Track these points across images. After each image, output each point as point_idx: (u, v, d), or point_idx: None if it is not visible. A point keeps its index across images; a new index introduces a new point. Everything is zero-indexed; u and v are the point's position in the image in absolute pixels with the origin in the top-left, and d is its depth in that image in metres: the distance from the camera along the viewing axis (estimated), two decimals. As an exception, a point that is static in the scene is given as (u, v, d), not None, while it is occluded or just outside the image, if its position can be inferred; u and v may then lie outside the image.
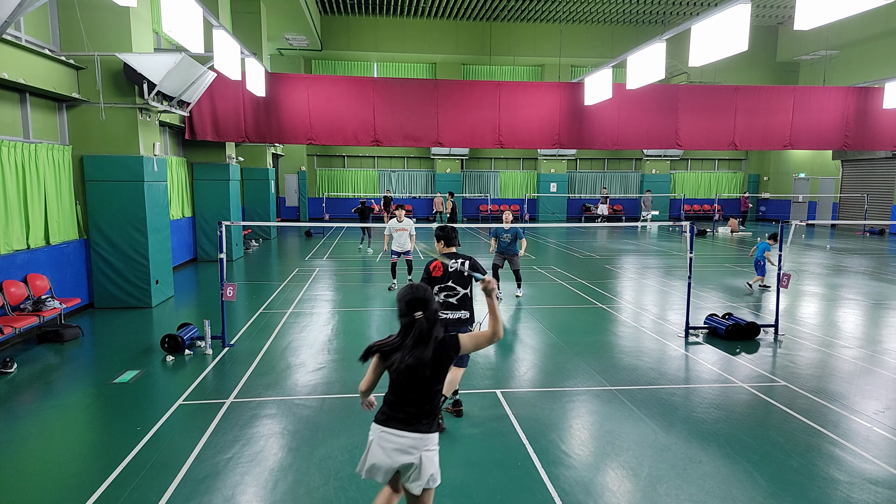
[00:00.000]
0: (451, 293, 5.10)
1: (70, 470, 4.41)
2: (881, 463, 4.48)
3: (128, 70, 9.06)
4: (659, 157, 30.15)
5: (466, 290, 5.10)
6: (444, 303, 5.09)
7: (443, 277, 5.09)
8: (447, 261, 4.81)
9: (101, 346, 7.70)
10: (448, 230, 5.24)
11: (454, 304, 5.09)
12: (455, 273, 5.06)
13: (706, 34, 8.72)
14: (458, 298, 5.09)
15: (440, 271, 5.08)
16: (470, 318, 5.16)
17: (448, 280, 5.09)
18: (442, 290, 5.10)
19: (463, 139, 14.38)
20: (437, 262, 5.05)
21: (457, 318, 5.08)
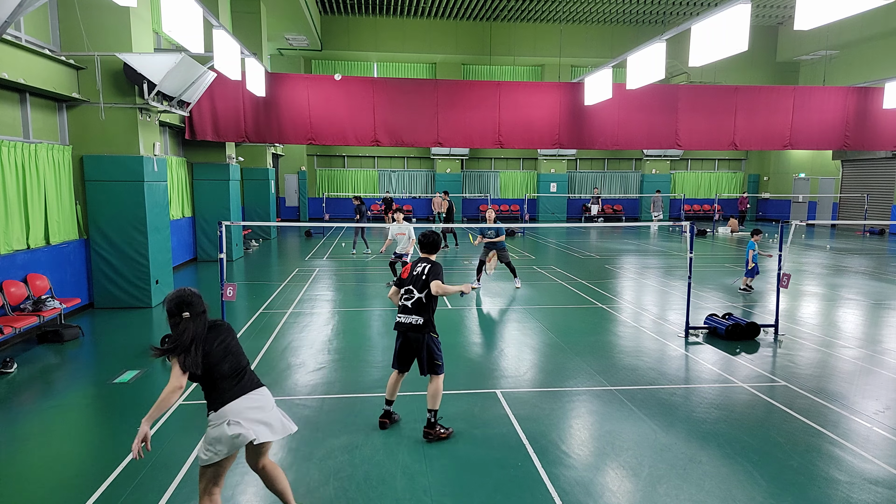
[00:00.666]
0: (409, 296, 4.91)
1: (70, 470, 4.41)
2: (881, 463, 4.48)
3: (128, 70, 9.06)
4: (659, 157, 30.14)
5: (422, 295, 4.86)
6: (401, 306, 4.94)
7: (406, 280, 4.98)
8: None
9: (101, 346, 7.70)
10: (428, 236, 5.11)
11: (408, 308, 4.89)
12: (415, 277, 4.91)
13: (706, 34, 8.71)
14: (413, 302, 4.87)
15: (406, 273, 5.01)
16: (424, 324, 4.84)
17: (409, 283, 4.94)
18: (404, 293, 4.95)
19: (463, 139, 14.38)
20: (408, 266, 5.02)
21: (409, 323, 4.86)
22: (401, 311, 4.94)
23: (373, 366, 6.78)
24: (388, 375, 6.38)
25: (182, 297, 3.35)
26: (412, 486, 4.13)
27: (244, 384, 3.56)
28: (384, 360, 6.96)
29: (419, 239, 5.20)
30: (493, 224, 11.08)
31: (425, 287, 4.84)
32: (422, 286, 4.86)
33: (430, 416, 4.86)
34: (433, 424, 4.84)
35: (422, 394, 5.87)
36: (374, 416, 5.30)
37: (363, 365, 6.82)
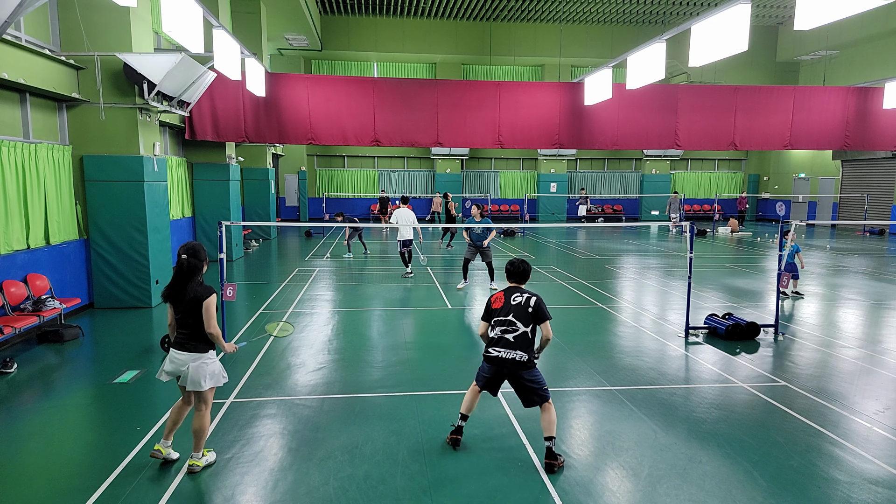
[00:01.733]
0: (509, 329, 4.47)
1: (70, 470, 4.41)
2: (881, 463, 4.48)
3: (128, 70, 9.06)
4: (659, 157, 30.14)
5: (528, 329, 4.44)
6: (498, 338, 4.49)
7: (502, 310, 4.55)
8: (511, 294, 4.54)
9: (101, 346, 7.70)
10: (518, 265, 4.80)
11: (510, 342, 4.43)
12: (517, 307, 4.52)
13: (706, 34, 8.71)
14: (516, 336, 4.44)
15: (500, 303, 4.59)
16: (529, 361, 4.41)
17: (509, 314, 4.51)
18: (498, 324, 4.52)
19: (463, 139, 14.38)
20: (498, 294, 4.67)
21: (511, 359, 4.39)
22: (498, 343, 4.46)
23: (373, 366, 6.78)
24: (389, 375, 6.42)
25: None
26: (412, 486, 4.13)
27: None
28: (384, 360, 6.97)
29: (507, 268, 4.88)
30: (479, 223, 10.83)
31: (531, 321, 4.47)
32: (527, 320, 4.46)
33: (550, 445, 4.39)
34: (555, 455, 4.39)
35: (428, 394, 5.87)
36: (374, 416, 5.30)
37: (363, 365, 6.82)
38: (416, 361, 6.98)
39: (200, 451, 4.32)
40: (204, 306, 4.16)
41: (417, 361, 6.98)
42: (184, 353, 4.20)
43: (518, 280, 4.81)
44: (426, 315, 9.41)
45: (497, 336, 4.50)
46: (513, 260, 4.91)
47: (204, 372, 4.21)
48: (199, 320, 4.18)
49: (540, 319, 4.50)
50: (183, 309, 4.20)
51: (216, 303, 4.23)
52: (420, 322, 9.01)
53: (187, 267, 4.17)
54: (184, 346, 4.22)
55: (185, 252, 4.21)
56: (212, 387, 4.29)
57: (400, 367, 6.76)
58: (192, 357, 4.20)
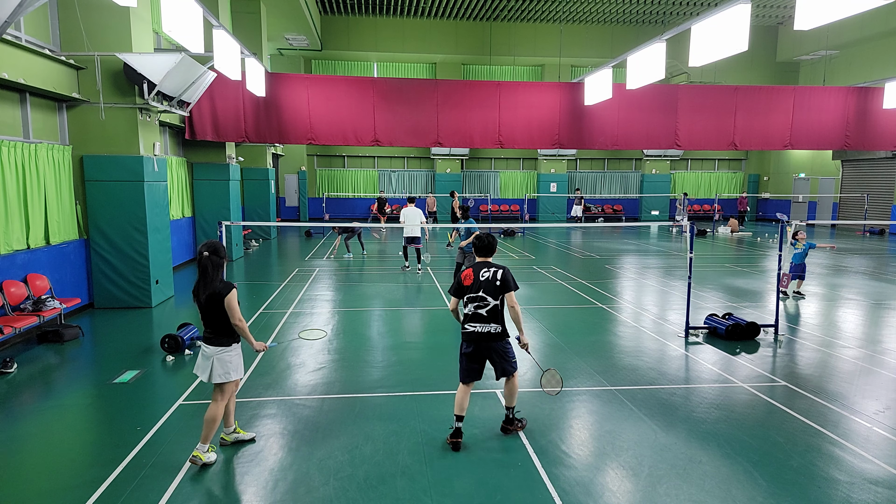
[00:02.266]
0: (481, 304, 4.68)
1: (70, 470, 4.41)
2: (881, 463, 4.48)
3: (128, 70, 9.06)
4: (659, 157, 30.14)
5: (497, 302, 4.67)
6: (472, 314, 4.70)
7: (472, 287, 4.73)
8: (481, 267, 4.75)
9: (101, 346, 7.70)
10: (483, 239, 4.93)
11: (483, 317, 4.67)
12: (486, 282, 4.69)
13: (706, 34, 8.71)
14: (488, 310, 4.67)
15: (470, 280, 4.74)
16: (502, 332, 4.71)
17: (479, 290, 4.70)
18: (471, 300, 4.71)
19: (463, 139, 14.37)
20: (468, 271, 4.78)
21: (486, 332, 4.67)
22: (472, 319, 4.69)
23: (373, 366, 6.78)
24: (389, 375, 6.42)
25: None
26: (412, 486, 4.13)
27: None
28: (384, 360, 6.97)
29: (473, 242, 5.01)
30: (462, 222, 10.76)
31: (500, 293, 4.67)
32: (495, 292, 4.67)
33: (509, 413, 4.96)
34: (511, 420, 4.95)
35: (428, 394, 5.87)
36: (374, 416, 5.30)
37: (363, 365, 6.82)
38: (416, 361, 6.98)
39: (207, 443, 4.38)
40: (225, 302, 4.31)
41: (417, 361, 6.98)
42: (210, 347, 4.40)
43: (485, 254, 4.95)
44: (426, 315, 9.41)
45: (471, 312, 4.74)
46: (479, 234, 5.08)
47: (226, 363, 4.39)
48: (221, 315, 4.33)
49: (505, 290, 4.70)
50: (205, 305, 4.35)
51: (237, 297, 4.38)
52: (420, 322, 9.01)
53: (208, 263, 4.33)
54: (210, 340, 4.41)
55: (205, 249, 4.36)
56: (233, 381, 4.47)
57: (400, 367, 6.76)
58: (216, 350, 4.38)
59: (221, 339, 4.40)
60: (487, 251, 4.93)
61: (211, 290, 4.32)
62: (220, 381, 4.40)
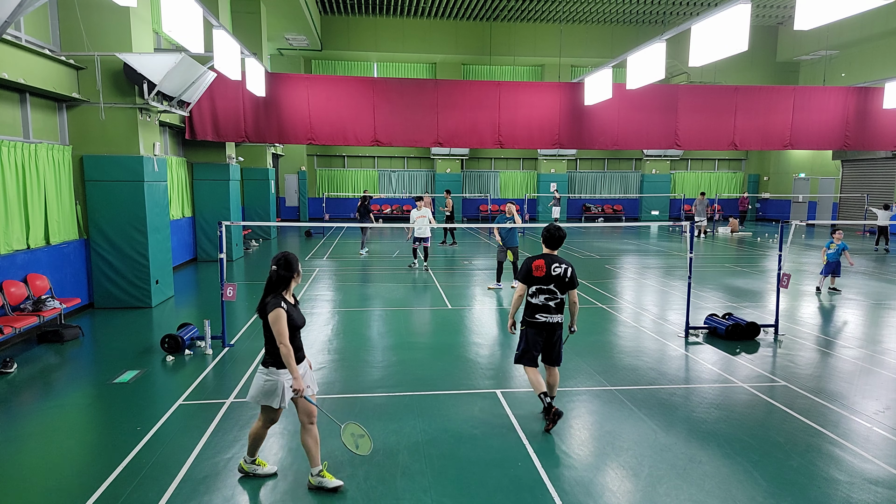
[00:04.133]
0: (552, 297, 5.04)
1: (70, 470, 4.41)
2: (881, 463, 4.48)
3: (128, 70, 9.06)
4: (659, 157, 30.14)
5: (564, 296, 5.09)
6: (542, 305, 5.04)
7: (544, 279, 5.01)
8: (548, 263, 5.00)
9: (101, 346, 7.70)
10: (553, 231, 5.15)
11: (553, 308, 5.05)
12: (558, 278, 5.01)
13: (706, 34, 8.71)
14: (557, 303, 5.06)
15: (542, 272, 5.00)
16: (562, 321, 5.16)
17: (550, 283, 5.02)
18: (541, 291, 5.04)
19: (463, 139, 14.37)
20: (539, 262, 5.03)
21: (556, 322, 5.07)
22: (542, 310, 5.04)
23: (373, 366, 6.78)
24: (389, 375, 6.42)
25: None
26: (412, 486, 4.13)
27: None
28: (384, 360, 6.97)
29: (543, 234, 5.21)
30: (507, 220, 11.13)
31: (567, 289, 5.07)
32: (564, 288, 5.05)
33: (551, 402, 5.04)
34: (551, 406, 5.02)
35: (428, 394, 5.87)
36: (374, 416, 5.30)
37: (363, 365, 6.82)
38: (416, 361, 6.97)
39: (318, 465, 4.09)
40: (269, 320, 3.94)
41: (417, 361, 6.98)
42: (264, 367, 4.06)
43: (554, 246, 5.15)
44: (426, 315, 9.41)
45: (541, 303, 5.04)
46: (548, 226, 5.20)
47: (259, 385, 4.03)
48: (269, 332, 3.99)
49: (573, 286, 5.10)
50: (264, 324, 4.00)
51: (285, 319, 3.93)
52: (420, 322, 9.01)
53: (275, 279, 4.02)
54: (264, 359, 4.08)
55: (276, 263, 4.05)
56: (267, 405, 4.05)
57: (400, 367, 6.76)
58: (265, 371, 4.04)
59: (266, 358, 4.06)
60: (556, 243, 5.14)
61: (260, 305, 4.03)
62: (250, 399, 4.09)
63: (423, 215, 13.16)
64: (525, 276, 5.06)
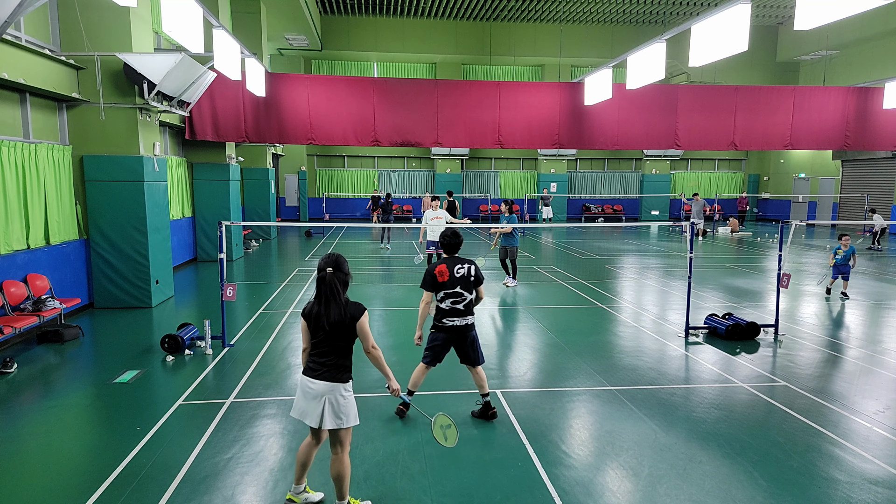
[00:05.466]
0: (459, 299, 5.02)
1: (70, 470, 4.41)
2: (881, 463, 4.48)
3: (128, 70, 9.06)
4: (659, 157, 30.15)
5: (472, 296, 5.06)
6: (450, 309, 5.02)
7: (448, 283, 4.99)
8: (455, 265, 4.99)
9: (101, 346, 7.70)
10: (450, 237, 5.13)
11: (461, 311, 5.03)
12: (462, 278, 5.00)
13: (706, 34, 8.71)
14: (465, 304, 5.04)
15: (446, 276, 4.98)
16: (474, 322, 5.17)
17: (456, 286, 5.00)
18: (448, 296, 5.01)
19: (463, 139, 14.37)
20: (441, 267, 4.99)
21: (465, 325, 5.06)
22: (450, 314, 5.02)
23: (372, 366, 6.76)
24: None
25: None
26: (412, 486, 4.13)
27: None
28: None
29: (440, 241, 5.21)
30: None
31: (473, 287, 5.05)
32: (470, 287, 5.04)
33: (488, 399, 5.21)
34: (491, 405, 5.21)
35: (428, 394, 5.87)
36: (374, 416, 5.31)
37: (363, 365, 6.78)
38: (416, 361, 6.92)
39: (346, 498, 3.72)
40: (357, 327, 3.62)
41: (418, 361, 6.95)
42: (320, 381, 3.58)
43: (453, 251, 5.16)
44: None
45: (449, 307, 5.03)
46: (444, 232, 5.18)
47: (345, 406, 3.63)
48: (345, 343, 3.64)
49: (479, 283, 5.09)
50: (327, 331, 3.58)
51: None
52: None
53: (333, 281, 3.59)
54: (321, 374, 3.59)
55: (327, 265, 3.61)
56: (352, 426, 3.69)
57: (400, 367, 6.75)
58: (329, 388, 3.57)
59: (339, 373, 3.61)
60: (454, 249, 5.15)
61: (341, 314, 3.57)
62: (334, 426, 3.60)
63: (438, 216, 11.77)
64: (430, 283, 5.00)
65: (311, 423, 3.60)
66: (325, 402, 3.57)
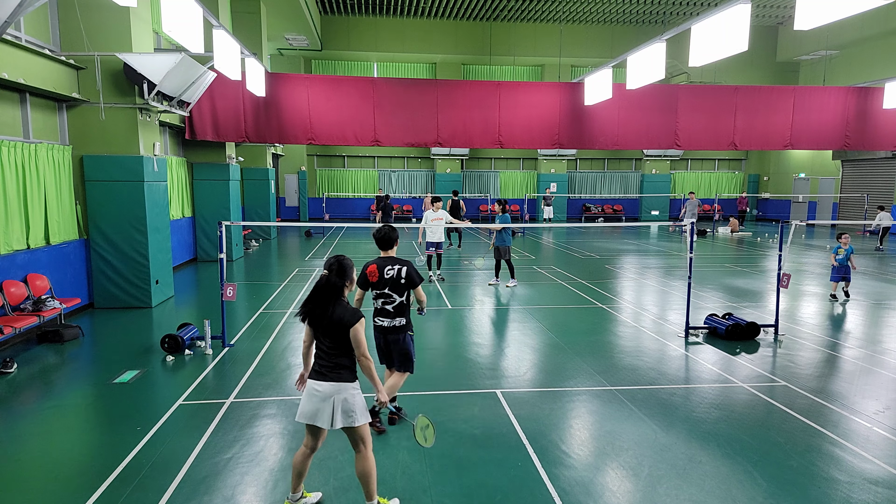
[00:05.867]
0: (388, 301, 4.87)
1: (70, 470, 4.41)
2: (881, 463, 4.48)
3: (128, 70, 9.06)
4: (659, 157, 30.14)
5: (402, 298, 4.88)
6: (380, 309, 4.91)
7: (378, 283, 4.85)
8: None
9: (101, 346, 7.70)
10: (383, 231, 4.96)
11: (390, 312, 4.89)
12: (391, 280, 4.84)
13: (706, 34, 8.71)
14: (395, 306, 4.89)
15: (376, 276, 4.84)
16: (407, 324, 4.97)
17: (384, 287, 4.85)
18: (378, 296, 4.89)
19: (463, 139, 14.37)
20: (372, 266, 4.87)
21: (391, 326, 4.91)
22: (379, 314, 4.93)
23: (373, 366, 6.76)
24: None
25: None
26: (412, 486, 4.13)
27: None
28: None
29: (374, 236, 5.06)
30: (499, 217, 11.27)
31: (405, 291, 4.88)
32: (401, 289, 4.87)
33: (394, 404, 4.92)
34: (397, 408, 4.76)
35: (428, 394, 5.87)
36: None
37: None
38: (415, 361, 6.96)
39: (374, 498, 3.72)
40: (351, 333, 3.59)
41: (417, 361, 6.96)
42: (325, 383, 3.59)
43: (385, 247, 4.98)
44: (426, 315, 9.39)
45: (380, 307, 4.92)
46: (379, 227, 5.03)
47: (354, 403, 3.62)
48: (343, 345, 3.63)
49: (411, 285, 4.88)
50: (323, 332, 3.64)
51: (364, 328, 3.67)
52: (420, 322, 9.00)
53: (327, 285, 3.63)
54: (325, 375, 3.62)
55: (328, 267, 3.69)
56: (366, 423, 3.69)
57: (400, 367, 6.75)
58: (335, 388, 3.59)
59: (342, 374, 3.63)
60: (384, 244, 4.96)
61: (334, 318, 3.60)
62: (346, 425, 3.61)
63: (439, 217, 11.73)
64: (362, 281, 4.88)
65: (322, 425, 3.60)
66: (333, 403, 3.58)
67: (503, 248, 11.40)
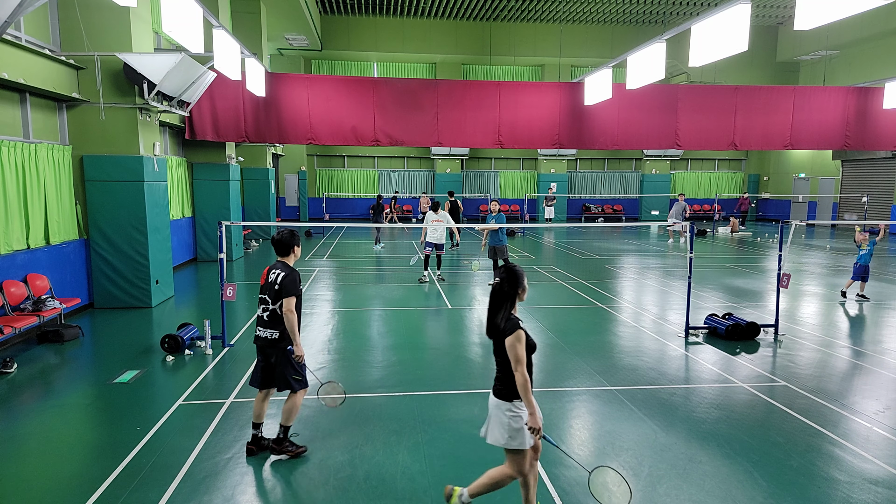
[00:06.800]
0: (266, 307, 4.43)
1: (70, 470, 4.41)
2: (881, 463, 4.48)
3: (128, 70, 9.06)
4: (659, 157, 30.14)
5: (276, 307, 4.36)
6: (259, 317, 4.48)
7: (262, 288, 4.49)
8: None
9: (101, 346, 7.70)
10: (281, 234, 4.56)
11: (265, 321, 4.42)
12: (268, 285, 4.41)
13: (706, 34, 8.71)
14: (269, 315, 4.39)
15: (263, 279, 4.50)
16: (281, 338, 4.38)
17: (265, 292, 4.43)
18: (260, 301, 4.49)
19: (463, 139, 14.38)
20: (266, 269, 4.54)
21: (265, 337, 4.41)
22: (258, 322, 4.48)
23: (373, 366, 6.78)
24: (388, 375, 6.42)
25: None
26: (412, 486, 4.13)
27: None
28: (384, 360, 6.97)
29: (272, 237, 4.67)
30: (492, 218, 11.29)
31: (279, 298, 4.35)
32: (275, 296, 4.37)
33: (280, 433, 4.47)
34: (281, 441, 4.47)
35: (428, 394, 5.87)
36: (374, 416, 5.30)
37: (363, 365, 6.82)
38: (415, 361, 6.97)
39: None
40: (506, 345, 3.40)
41: (417, 361, 6.98)
42: (492, 397, 3.55)
43: (281, 252, 4.56)
44: (426, 315, 9.41)
45: (260, 314, 4.46)
46: (279, 230, 4.62)
47: (504, 424, 3.44)
48: (506, 358, 3.45)
49: (283, 294, 4.32)
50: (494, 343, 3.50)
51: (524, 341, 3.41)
52: (420, 322, 9.01)
53: (498, 293, 3.48)
54: (495, 389, 3.54)
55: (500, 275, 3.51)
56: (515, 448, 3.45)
57: (400, 367, 6.76)
58: (495, 403, 3.49)
59: (503, 390, 3.46)
60: (282, 248, 4.53)
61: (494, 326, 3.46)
62: (495, 443, 3.49)
63: (440, 219, 11.92)
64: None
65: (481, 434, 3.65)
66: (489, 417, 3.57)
67: (499, 247, 11.40)
